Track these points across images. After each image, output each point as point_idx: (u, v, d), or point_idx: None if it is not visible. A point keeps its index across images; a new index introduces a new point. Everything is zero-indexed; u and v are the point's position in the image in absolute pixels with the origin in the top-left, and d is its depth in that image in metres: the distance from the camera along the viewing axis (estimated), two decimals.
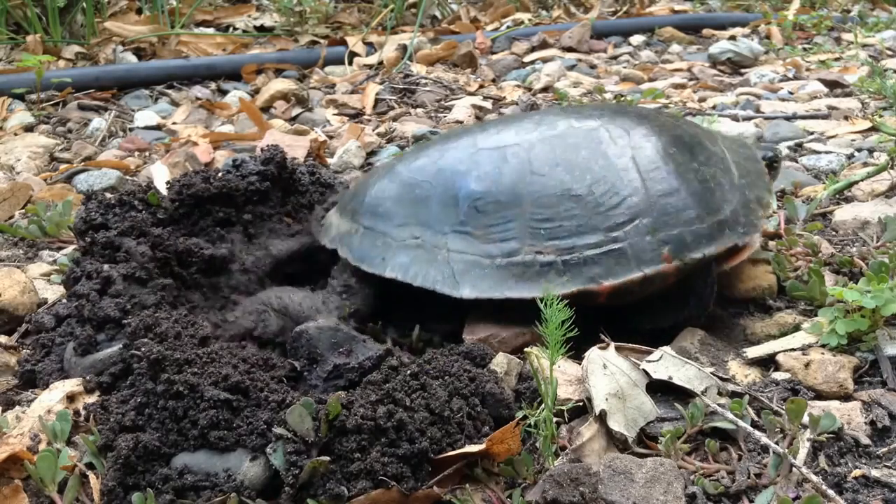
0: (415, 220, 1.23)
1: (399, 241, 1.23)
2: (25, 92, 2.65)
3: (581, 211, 1.16)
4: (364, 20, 3.79)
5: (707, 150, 1.25)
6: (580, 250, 1.15)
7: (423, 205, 1.24)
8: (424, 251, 1.20)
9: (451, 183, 1.23)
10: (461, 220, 1.20)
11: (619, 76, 2.98)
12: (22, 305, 1.32)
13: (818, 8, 4.11)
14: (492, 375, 1.04)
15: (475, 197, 1.20)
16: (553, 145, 1.22)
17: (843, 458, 0.95)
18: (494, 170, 1.21)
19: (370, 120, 2.53)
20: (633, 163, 1.19)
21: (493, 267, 1.17)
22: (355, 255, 1.25)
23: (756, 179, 1.27)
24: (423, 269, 1.19)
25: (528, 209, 1.18)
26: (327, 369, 1.06)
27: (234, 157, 1.54)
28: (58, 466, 0.93)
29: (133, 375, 1.01)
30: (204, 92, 2.87)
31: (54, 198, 1.82)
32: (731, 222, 1.18)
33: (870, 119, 2.17)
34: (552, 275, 1.15)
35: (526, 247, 1.16)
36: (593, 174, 1.18)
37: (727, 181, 1.22)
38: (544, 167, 1.20)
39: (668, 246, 1.15)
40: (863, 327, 1.12)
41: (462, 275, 1.17)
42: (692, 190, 1.18)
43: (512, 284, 1.15)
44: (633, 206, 1.17)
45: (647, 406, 1.02)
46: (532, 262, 1.16)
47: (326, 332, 1.09)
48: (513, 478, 0.93)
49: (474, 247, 1.18)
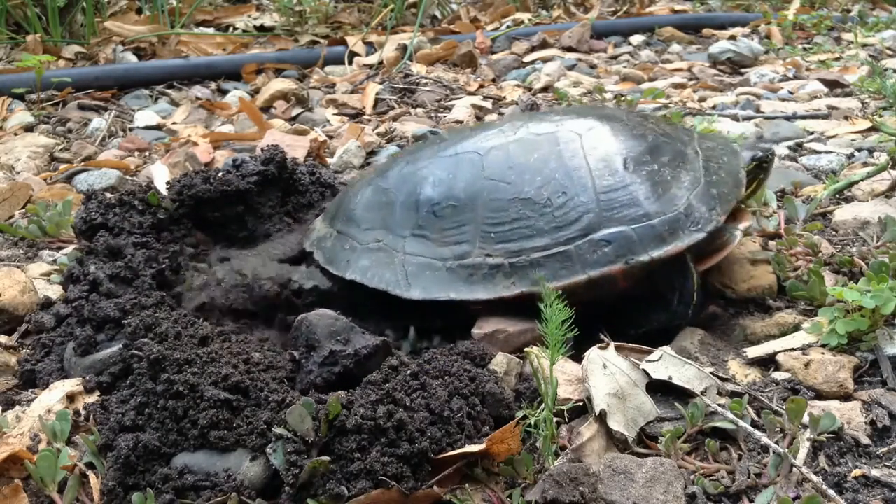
0: (380, 225, 1.28)
1: (364, 244, 1.27)
2: (25, 92, 2.65)
3: (530, 214, 1.18)
4: (364, 20, 3.79)
5: (673, 151, 1.24)
6: (527, 253, 1.17)
7: (387, 210, 1.28)
8: (384, 254, 1.24)
9: (413, 189, 1.27)
10: (419, 224, 1.24)
11: (619, 76, 2.98)
12: (22, 305, 1.32)
13: (818, 8, 4.11)
14: (492, 375, 1.04)
15: (433, 202, 1.24)
16: (507, 150, 1.24)
17: (843, 457, 0.95)
18: (449, 176, 1.25)
19: (370, 120, 2.53)
20: (584, 164, 1.20)
21: (444, 269, 1.20)
22: (325, 257, 1.31)
23: (726, 178, 1.25)
24: (380, 271, 1.23)
25: (480, 213, 1.20)
26: (323, 354, 1.07)
27: (234, 157, 1.54)
28: (58, 466, 0.94)
29: (133, 375, 1.01)
30: (204, 92, 2.87)
31: (54, 198, 1.82)
32: (685, 222, 1.17)
33: (870, 119, 2.17)
34: (499, 277, 1.17)
35: (476, 249, 1.19)
36: (543, 177, 1.20)
37: (689, 181, 1.21)
38: (496, 172, 1.22)
39: (613, 246, 1.15)
40: (863, 327, 1.12)
41: (414, 277, 1.20)
42: (644, 190, 1.18)
43: (459, 286, 1.18)
44: (580, 207, 1.17)
45: (647, 406, 1.02)
46: (481, 264, 1.18)
47: (325, 320, 1.11)
48: (513, 478, 0.93)
49: (429, 250, 1.22)
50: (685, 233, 1.16)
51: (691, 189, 1.20)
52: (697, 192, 1.20)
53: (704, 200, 1.19)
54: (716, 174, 1.24)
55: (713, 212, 1.18)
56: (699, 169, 1.23)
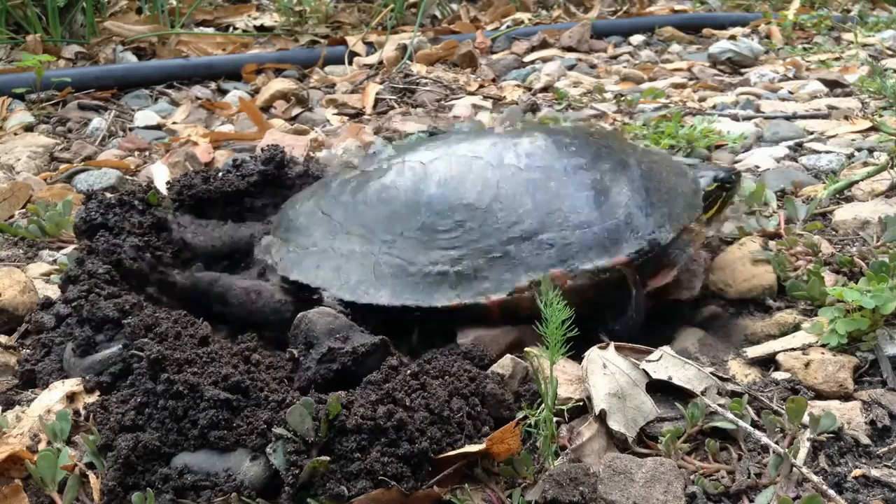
0: (322, 232, 1.28)
1: (315, 248, 1.27)
2: (25, 92, 2.65)
3: (471, 222, 1.19)
4: (364, 20, 3.79)
5: (615, 165, 1.25)
6: (470, 258, 1.17)
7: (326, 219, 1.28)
8: (337, 258, 1.24)
9: (364, 197, 1.28)
10: (369, 231, 1.24)
11: (619, 76, 2.98)
12: (22, 305, 1.32)
13: (818, 8, 4.11)
14: (493, 376, 1.04)
15: (379, 210, 1.25)
16: (450, 161, 1.26)
17: (843, 457, 0.95)
18: (392, 184, 1.26)
19: (370, 119, 2.53)
20: (524, 175, 1.21)
21: (391, 276, 1.19)
22: (282, 265, 1.29)
23: (675, 197, 1.25)
24: (324, 273, 1.22)
25: (424, 219, 1.21)
26: (322, 351, 1.07)
27: (234, 157, 1.55)
28: (58, 466, 0.94)
29: (133, 375, 1.01)
30: (204, 92, 2.87)
31: (54, 197, 1.82)
32: (627, 232, 1.17)
33: (870, 119, 2.17)
34: (445, 286, 1.17)
35: (420, 256, 1.19)
36: (484, 185, 1.21)
37: (628, 193, 1.21)
38: (439, 180, 1.23)
39: (552, 250, 1.15)
40: (863, 327, 1.12)
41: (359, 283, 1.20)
42: (584, 198, 1.19)
43: (407, 294, 1.17)
44: (521, 212, 1.18)
45: (647, 406, 1.02)
46: (428, 272, 1.18)
47: (325, 318, 1.11)
48: (513, 478, 0.93)
49: (379, 256, 1.22)
50: (628, 244, 1.17)
51: (634, 203, 1.20)
52: (643, 207, 1.20)
53: (652, 215, 1.20)
54: (664, 194, 1.24)
55: (662, 228, 1.19)
56: (641, 187, 1.23)
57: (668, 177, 1.28)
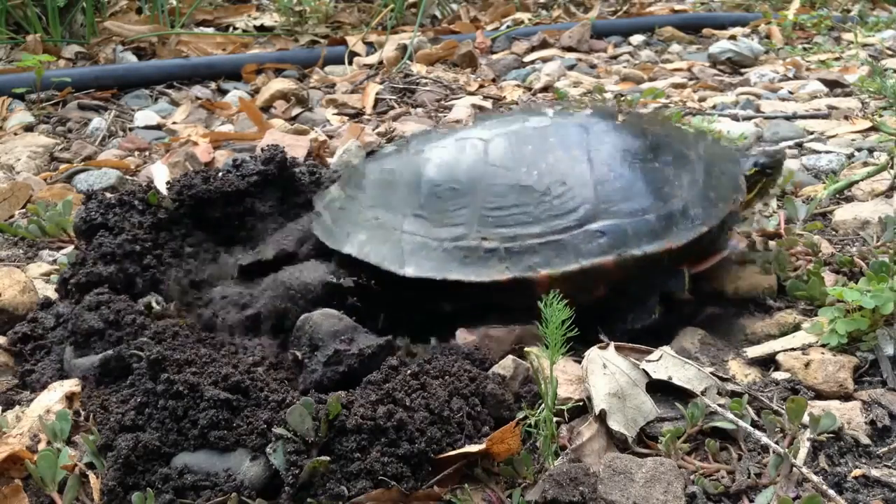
0: (382, 203, 1.29)
1: (364, 220, 1.28)
2: (25, 92, 2.65)
3: (528, 201, 1.19)
4: (364, 20, 3.79)
5: (673, 152, 1.25)
6: (522, 239, 1.18)
7: (391, 189, 1.29)
8: (383, 231, 1.25)
9: (416, 170, 1.28)
10: (420, 205, 1.25)
11: (619, 76, 2.98)
12: (22, 305, 1.32)
13: (818, 8, 4.11)
14: (494, 376, 1.04)
15: (434, 183, 1.25)
16: (510, 140, 1.26)
17: (843, 457, 0.95)
18: (453, 159, 1.26)
19: (370, 119, 2.53)
20: (585, 157, 1.21)
21: (440, 250, 1.20)
22: (325, 230, 1.31)
23: (725, 182, 1.25)
24: (376, 247, 1.23)
25: (481, 197, 1.21)
26: (328, 353, 1.07)
27: (234, 157, 1.54)
28: (58, 466, 0.94)
29: (133, 375, 1.01)
30: (204, 92, 2.87)
31: (54, 197, 1.82)
32: (680, 219, 1.18)
33: (870, 119, 2.17)
34: (494, 261, 1.17)
35: (473, 232, 1.20)
36: (545, 166, 1.21)
37: (688, 181, 1.22)
38: (499, 158, 1.24)
39: (607, 237, 1.16)
40: (863, 327, 1.12)
41: (409, 255, 1.21)
42: (641, 185, 1.19)
43: (454, 267, 1.18)
44: (577, 198, 1.18)
45: (647, 406, 1.02)
46: (477, 247, 1.19)
47: (329, 320, 1.10)
48: (513, 477, 0.93)
49: (427, 229, 1.22)
50: (680, 230, 1.17)
51: (690, 190, 1.20)
52: (696, 193, 1.20)
53: (702, 201, 1.20)
54: (715, 179, 1.24)
55: (709, 212, 1.19)
56: (699, 174, 1.24)
57: (723, 165, 1.28)
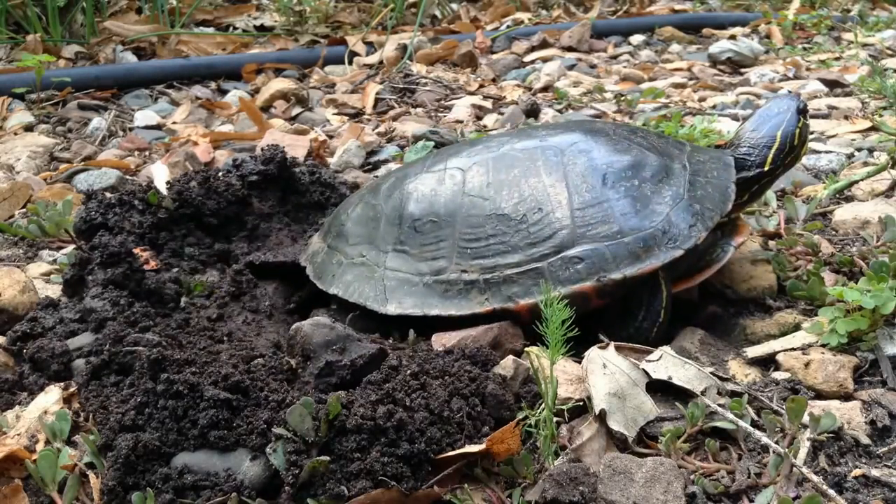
0: (365, 240, 1.30)
1: (349, 259, 1.29)
2: (25, 91, 2.65)
3: (506, 230, 1.18)
4: (364, 20, 3.79)
5: (655, 167, 1.21)
6: (501, 269, 1.17)
7: (373, 225, 1.30)
8: (366, 269, 1.26)
9: (397, 204, 1.28)
10: (401, 240, 1.25)
11: (619, 75, 2.98)
12: (22, 305, 1.32)
13: (818, 8, 4.11)
14: (494, 377, 1.04)
15: (414, 217, 1.25)
16: (488, 167, 1.24)
17: (843, 457, 0.95)
18: (431, 192, 1.26)
19: (370, 119, 2.53)
20: (563, 181, 1.19)
21: (421, 284, 1.21)
22: (315, 272, 1.34)
23: (712, 191, 1.21)
24: (360, 286, 1.25)
25: (458, 229, 1.21)
26: (319, 366, 1.06)
27: (234, 157, 1.55)
28: (58, 466, 0.94)
29: (133, 375, 1.01)
30: (204, 91, 2.87)
31: (54, 197, 1.82)
32: (662, 239, 1.14)
33: (870, 119, 2.17)
34: (474, 293, 1.17)
35: (453, 265, 1.20)
36: (520, 193, 1.20)
37: (671, 196, 1.18)
38: (475, 188, 1.23)
39: (585, 263, 1.14)
40: (863, 327, 1.12)
41: (392, 292, 1.22)
42: (620, 206, 1.16)
43: (435, 302, 1.19)
44: (555, 224, 1.16)
45: (647, 405, 1.02)
46: (457, 280, 1.19)
47: (320, 330, 1.09)
48: (513, 478, 0.93)
49: (408, 265, 1.23)
50: (661, 250, 1.14)
51: (672, 205, 1.18)
52: (679, 207, 1.17)
53: (686, 218, 1.17)
54: (701, 189, 1.21)
55: (693, 228, 1.16)
56: (683, 185, 1.21)
57: (710, 173, 1.25)
